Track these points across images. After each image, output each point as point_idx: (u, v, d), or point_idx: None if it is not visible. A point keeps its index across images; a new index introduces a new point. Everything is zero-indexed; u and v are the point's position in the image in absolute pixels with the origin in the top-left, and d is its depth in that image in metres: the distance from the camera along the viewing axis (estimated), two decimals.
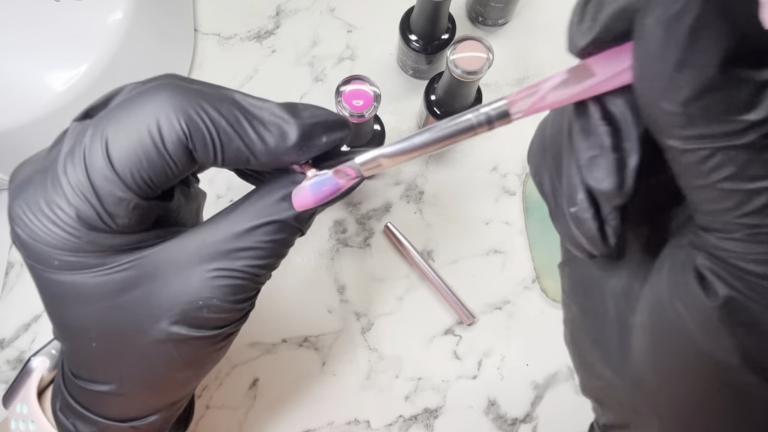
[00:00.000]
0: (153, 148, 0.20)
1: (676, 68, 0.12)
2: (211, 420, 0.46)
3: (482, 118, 0.17)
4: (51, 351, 0.33)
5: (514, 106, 0.17)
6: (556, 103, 0.15)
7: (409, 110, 0.51)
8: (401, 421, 0.46)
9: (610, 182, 0.15)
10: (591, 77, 0.14)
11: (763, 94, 0.12)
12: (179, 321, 0.23)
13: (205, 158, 0.22)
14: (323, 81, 0.51)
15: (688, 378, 0.17)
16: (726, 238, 0.14)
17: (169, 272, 0.23)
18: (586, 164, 0.15)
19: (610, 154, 0.15)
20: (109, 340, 0.24)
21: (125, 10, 0.43)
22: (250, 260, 0.23)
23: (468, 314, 0.46)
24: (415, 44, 0.46)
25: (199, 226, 0.24)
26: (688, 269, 0.15)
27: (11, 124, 0.42)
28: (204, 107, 0.21)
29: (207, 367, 0.27)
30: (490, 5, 0.49)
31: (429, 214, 0.49)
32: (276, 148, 0.22)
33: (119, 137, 0.20)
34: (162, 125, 0.20)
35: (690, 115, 0.13)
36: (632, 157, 0.15)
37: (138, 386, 0.25)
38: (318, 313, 0.47)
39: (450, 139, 0.19)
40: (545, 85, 0.16)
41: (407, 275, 0.48)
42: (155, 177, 0.21)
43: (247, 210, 0.23)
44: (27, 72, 0.42)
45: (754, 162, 0.13)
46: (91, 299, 0.23)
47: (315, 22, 0.52)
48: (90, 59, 0.42)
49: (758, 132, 0.12)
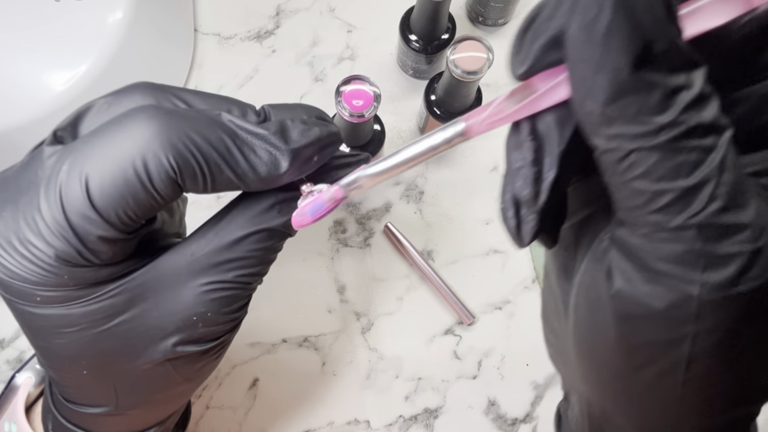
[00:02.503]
0: (140, 187, 0.19)
1: (595, 71, 0.13)
2: (211, 420, 0.46)
3: (440, 140, 0.19)
4: (35, 366, 0.33)
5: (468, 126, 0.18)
6: (503, 119, 0.17)
7: (409, 110, 0.51)
8: (401, 421, 0.46)
9: (527, 193, 0.17)
10: (533, 92, 0.16)
11: (673, 99, 0.13)
12: (175, 339, 0.23)
13: (194, 189, 0.21)
14: (323, 81, 0.51)
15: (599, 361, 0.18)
16: (633, 233, 0.15)
17: (159, 291, 0.22)
18: (512, 172, 0.17)
19: (529, 169, 0.16)
20: (102, 365, 0.23)
21: (125, 10, 0.43)
22: (242, 270, 0.23)
23: (468, 314, 0.46)
24: (415, 44, 0.46)
25: (187, 239, 0.23)
26: (601, 259, 0.17)
27: (11, 124, 0.42)
28: (192, 138, 0.19)
29: (204, 377, 0.26)
30: (490, 5, 0.49)
31: (429, 214, 0.49)
32: (267, 176, 0.21)
33: (101, 175, 0.19)
34: (149, 162, 0.19)
35: (608, 115, 0.14)
36: (549, 172, 0.16)
37: (134, 406, 0.25)
38: (318, 313, 0.47)
39: (413, 161, 0.20)
40: (493, 104, 0.17)
41: (407, 275, 0.48)
42: (141, 213, 0.20)
43: (236, 219, 0.23)
44: (27, 72, 0.42)
45: (661, 163, 0.14)
46: (78, 329, 0.22)
47: (315, 22, 0.52)
48: (90, 59, 0.42)
49: (667, 134, 0.13)
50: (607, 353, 0.17)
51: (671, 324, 0.15)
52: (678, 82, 0.13)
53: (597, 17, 0.13)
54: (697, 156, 0.14)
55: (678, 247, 0.14)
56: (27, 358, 0.33)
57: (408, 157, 0.20)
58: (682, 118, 0.13)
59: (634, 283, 0.15)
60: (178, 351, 0.23)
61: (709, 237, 0.14)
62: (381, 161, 0.21)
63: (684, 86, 0.13)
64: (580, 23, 0.13)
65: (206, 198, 0.48)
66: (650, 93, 0.13)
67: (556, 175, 0.16)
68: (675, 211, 0.14)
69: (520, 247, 0.18)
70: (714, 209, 0.14)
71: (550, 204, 0.17)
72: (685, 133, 0.13)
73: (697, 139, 0.14)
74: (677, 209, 0.14)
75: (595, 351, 0.18)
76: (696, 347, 0.15)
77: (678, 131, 0.13)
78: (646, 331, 0.16)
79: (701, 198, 0.14)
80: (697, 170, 0.14)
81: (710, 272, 0.14)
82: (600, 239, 0.18)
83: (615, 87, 0.13)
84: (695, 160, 0.14)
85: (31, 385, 0.31)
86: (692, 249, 0.14)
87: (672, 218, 0.14)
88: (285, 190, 0.23)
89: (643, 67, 0.13)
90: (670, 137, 0.13)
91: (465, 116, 0.19)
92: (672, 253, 0.15)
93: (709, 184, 0.14)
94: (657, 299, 0.15)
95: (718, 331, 0.15)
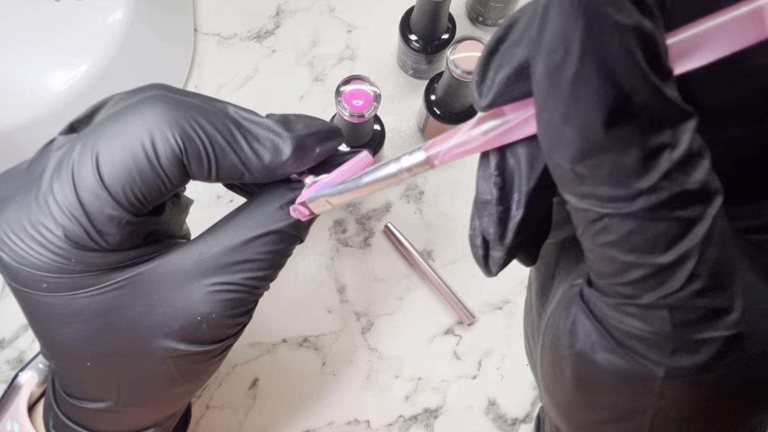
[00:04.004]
0: (147, 164, 0.20)
1: (562, 122, 0.11)
2: (211, 420, 0.46)
3: (402, 166, 0.18)
4: (39, 365, 0.33)
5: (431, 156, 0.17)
6: (469, 150, 0.15)
7: (409, 110, 0.51)
8: (401, 421, 0.46)
9: (492, 232, 0.15)
10: (502, 122, 0.14)
11: (654, 161, 0.11)
12: (178, 337, 0.23)
13: (200, 173, 0.21)
14: (323, 81, 0.51)
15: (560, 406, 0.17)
16: (601, 298, 0.14)
17: (166, 288, 0.22)
18: (479, 204, 0.15)
19: (494, 207, 0.15)
20: (105, 358, 0.23)
21: (125, 10, 0.43)
22: (249, 272, 0.22)
23: (468, 314, 0.46)
24: (415, 44, 0.46)
25: (196, 239, 0.23)
26: (568, 308, 0.15)
27: (11, 124, 0.42)
28: (198, 121, 0.20)
29: (204, 379, 0.26)
30: (490, 5, 0.49)
31: (429, 214, 0.49)
32: (271, 163, 0.21)
33: (111, 152, 0.20)
34: (156, 139, 0.20)
35: (578, 173, 0.12)
36: (516, 212, 0.15)
37: (135, 402, 0.25)
38: (318, 313, 0.47)
39: (375, 185, 0.19)
40: (461, 131, 0.15)
41: (407, 275, 0.48)
42: (148, 194, 0.20)
43: (245, 220, 0.23)
44: (27, 72, 0.42)
45: (636, 234, 0.12)
46: (83, 319, 0.22)
47: (315, 22, 0.52)
48: (90, 59, 0.42)
49: (645, 202, 0.11)
50: (568, 404, 0.16)
51: (632, 395, 0.14)
52: (660, 141, 0.11)
53: (563, 63, 0.11)
54: (679, 228, 0.12)
55: (646, 326, 0.13)
56: (28, 359, 0.33)
57: (370, 181, 0.19)
58: (664, 183, 0.11)
59: (596, 349, 0.14)
60: (180, 350, 0.23)
61: (682, 321, 0.12)
62: (343, 184, 0.20)
63: (668, 145, 0.11)
64: (544, 67, 0.11)
65: (206, 198, 0.48)
66: (626, 153, 0.11)
67: (523, 217, 0.15)
68: (647, 287, 0.12)
69: (488, 276, 0.17)
70: (691, 291, 0.12)
71: (518, 242, 0.15)
72: (667, 201, 0.11)
73: (681, 209, 0.11)
74: (650, 286, 0.12)
75: (557, 396, 0.17)
76: (658, 419, 0.14)
77: (658, 199, 0.11)
78: (606, 395, 0.15)
79: (678, 277, 0.12)
80: (677, 245, 0.12)
81: (679, 356, 0.13)
82: (572, 283, 0.16)
83: (585, 144, 0.11)
84: (675, 234, 0.12)
85: (34, 384, 0.32)
86: (662, 331, 0.13)
87: (643, 294, 0.12)
88: (293, 191, 0.23)
89: (618, 124, 0.11)
90: (647, 205, 0.11)
91: (427, 144, 0.17)
92: (639, 330, 0.13)
93: (689, 261, 0.12)
94: (618, 371, 0.14)
95: (682, 410, 0.14)
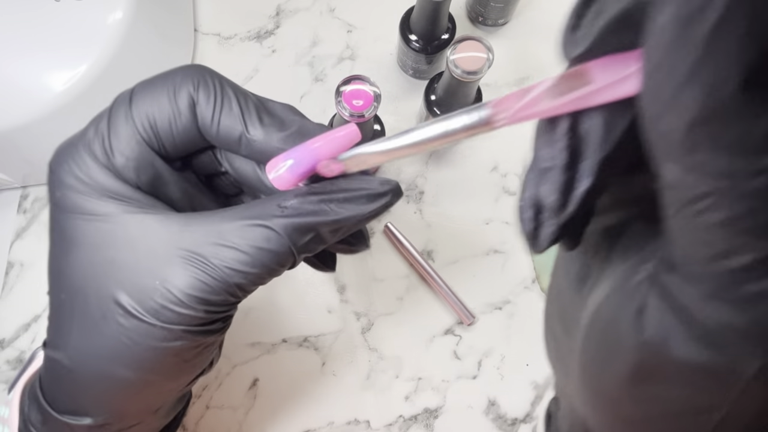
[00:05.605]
0: (166, 98, 0.23)
1: (686, 79, 0.10)
2: (211, 420, 0.46)
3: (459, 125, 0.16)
4: None
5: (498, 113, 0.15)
6: (544, 112, 0.14)
7: (409, 110, 0.51)
8: (401, 421, 0.46)
9: (553, 201, 0.14)
10: (587, 84, 0.13)
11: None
12: (127, 292, 0.21)
13: (206, 113, 0.23)
14: (323, 81, 0.51)
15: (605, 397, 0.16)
16: (688, 286, 0.12)
17: (141, 241, 0.21)
18: (539, 171, 0.14)
19: (560, 174, 0.14)
20: (74, 297, 0.22)
21: (125, 10, 0.43)
22: (228, 260, 0.21)
23: (468, 314, 0.46)
24: (415, 44, 0.46)
25: (190, 213, 0.23)
26: (633, 296, 0.14)
27: (11, 124, 0.42)
28: (220, 79, 0.23)
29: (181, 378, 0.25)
30: (490, 5, 0.49)
31: (429, 214, 0.49)
32: (268, 136, 0.23)
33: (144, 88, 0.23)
34: (177, 79, 0.23)
35: (693, 139, 0.10)
36: (583, 181, 0.13)
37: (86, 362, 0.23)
38: (318, 313, 0.47)
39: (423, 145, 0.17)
40: (533, 92, 0.14)
41: (407, 275, 0.48)
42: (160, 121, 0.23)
43: (241, 210, 0.22)
44: (27, 72, 0.42)
45: (750, 216, 0.10)
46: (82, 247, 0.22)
47: (315, 22, 0.52)
48: (90, 59, 0.42)
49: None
50: (617, 395, 0.15)
51: (708, 390, 0.13)
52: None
53: (703, 7, 0.09)
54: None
55: (745, 317, 0.11)
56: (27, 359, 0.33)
57: (418, 140, 0.17)
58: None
59: (674, 338, 0.13)
60: (126, 308, 0.21)
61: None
62: (387, 140, 0.18)
63: None
64: (674, 11, 0.10)
65: None
66: (757, 121, 0.10)
67: (591, 185, 0.13)
68: (753, 276, 0.11)
69: (535, 252, 0.15)
70: None
71: (578, 214, 0.14)
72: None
73: None
74: (756, 274, 0.11)
75: (603, 387, 0.16)
76: (729, 417, 0.13)
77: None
78: (672, 389, 0.13)
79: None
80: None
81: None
82: (634, 268, 0.15)
83: (710, 105, 0.10)
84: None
85: None
86: (763, 323, 0.11)
87: (747, 282, 0.11)
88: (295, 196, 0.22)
89: (756, 86, 0.09)
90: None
91: (494, 101, 0.15)
92: (735, 321, 0.12)
93: None
94: (696, 363, 0.12)
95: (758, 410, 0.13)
